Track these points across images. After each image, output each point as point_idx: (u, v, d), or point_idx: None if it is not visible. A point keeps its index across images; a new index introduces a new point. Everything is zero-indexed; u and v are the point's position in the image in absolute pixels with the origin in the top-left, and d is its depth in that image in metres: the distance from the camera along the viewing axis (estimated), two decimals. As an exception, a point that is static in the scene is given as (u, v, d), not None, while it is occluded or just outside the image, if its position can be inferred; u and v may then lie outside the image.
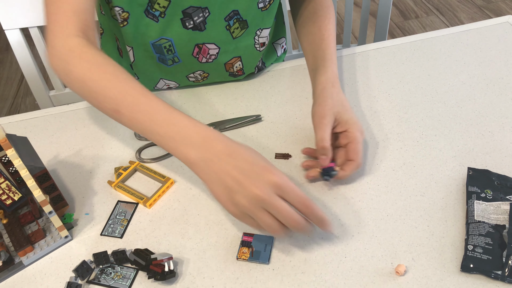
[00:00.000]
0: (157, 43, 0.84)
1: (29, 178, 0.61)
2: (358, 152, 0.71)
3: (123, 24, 0.81)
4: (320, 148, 0.70)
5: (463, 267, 0.60)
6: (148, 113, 0.63)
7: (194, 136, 0.61)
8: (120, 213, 0.72)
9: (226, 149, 0.60)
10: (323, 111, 0.73)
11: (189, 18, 0.80)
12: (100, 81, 0.65)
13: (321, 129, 0.71)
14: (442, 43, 0.98)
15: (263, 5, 0.83)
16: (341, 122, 0.72)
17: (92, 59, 0.67)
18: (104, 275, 0.64)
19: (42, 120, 0.90)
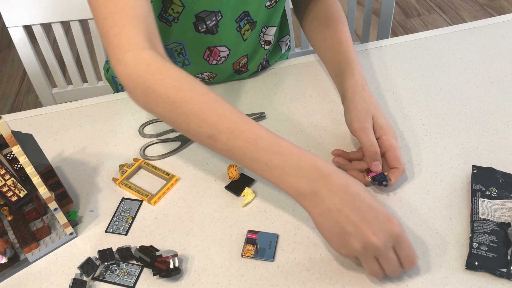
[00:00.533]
0: (168, 46, 0.84)
1: (35, 175, 0.61)
2: (399, 159, 0.69)
3: None
4: (372, 154, 0.69)
5: (468, 264, 0.60)
6: (250, 139, 0.57)
7: (306, 168, 0.56)
8: (125, 210, 0.72)
9: (343, 185, 0.56)
10: (362, 116, 0.71)
11: (202, 22, 0.79)
12: (193, 103, 0.58)
13: (366, 134, 0.70)
14: (446, 41, 0.98)
15: (269, 3, 0.83)
16: (376, 126, 0.71)
17: (178, 76, 0.59)
18: (109, 272, 0.64)
19: (46, 117, 0.90)
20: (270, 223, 0.69)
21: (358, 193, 0.56)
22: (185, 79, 0.60)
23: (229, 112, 0.58)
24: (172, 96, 0.58)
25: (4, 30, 2.93)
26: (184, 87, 0.59)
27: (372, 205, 0.56)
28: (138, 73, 0.59)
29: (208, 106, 0.58)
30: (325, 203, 0.55)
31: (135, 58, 0.59)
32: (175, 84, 0.59)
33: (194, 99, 0.58)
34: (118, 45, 0.59)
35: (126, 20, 0.59)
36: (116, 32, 0.60)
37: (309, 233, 0.67)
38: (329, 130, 0.82)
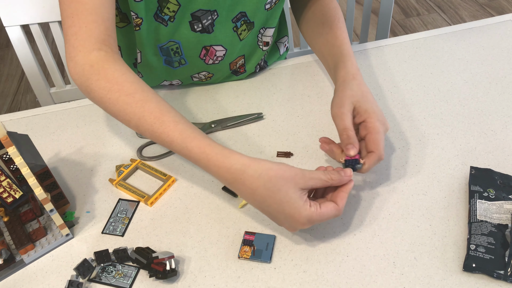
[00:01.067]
0: (164, 46, 0.83)
1: (30, 176, 0.61)
2: (378, 143, 0.66)
3: (136, 29, 0.80)
4: (345, 137, 0.67)
5: (466, 266, 0.60)
6: (165, 142, 0.64)
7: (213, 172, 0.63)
8: (121, 211, 0.72)
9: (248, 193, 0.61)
10: (341, 101, 0.70)
11: (197, 21, 0.79)
12: (118, 104, 0.65)
13: (341, 119, 0.68)
14: (445, 41, 0.98)
15: (270, 6, 0.83)
16: (360, 112, 0.69)
17: (111, 77, 0.65)
18: (105, 274, 0.64)
19: (43, 118, 0.89)
20: (267, 224, 0.68)
21: (264, 199, 0.60)
22: (117, 80, 0.65)
23: (148, 114, 0.63)
24: (103, 96, 0.65)
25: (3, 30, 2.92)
26: (113, 88, 0.65)
27: (280, 210, 0.60)
28: (83, 72, 0.66)
29: (131, 108, 0.64)
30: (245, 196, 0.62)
31: (84, 58, 0.66)
32: (106, 85, 0.65)
33: (119, 101, 0.64)
34: (73, 44, 0.66)
35: (83, 23, 0.66)
36: (74, 32, 0.66)
37: (306, 235, 0.67)
38: (327, 130, 0.81)
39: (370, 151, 0.67)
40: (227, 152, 0.62)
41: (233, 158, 0.61)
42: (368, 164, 0.66)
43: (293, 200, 0.59)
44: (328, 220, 0.67)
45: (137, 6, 0.75)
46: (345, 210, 0.69)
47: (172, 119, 0.64)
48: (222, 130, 0.84)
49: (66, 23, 0.67)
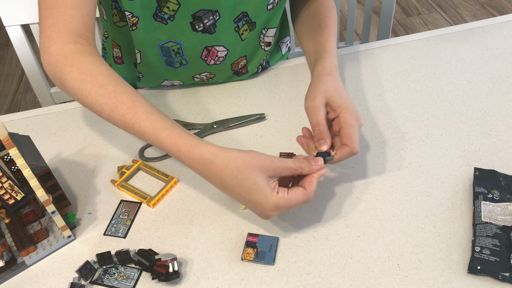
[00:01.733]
0: (165, 45, 0.82)
1: (32, 177, 0.60)
2: (351, 137, 0.65)
3: (132, 28, 0.79)
4: (318, 133, 0.67)
5: (470, 268, 0.60)
6: (138, 133, 0.64)
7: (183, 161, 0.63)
8: (123, 213, 0.72)
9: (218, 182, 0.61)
10: (313, 95, 0.69)
11: (199, 21, 0.79)
12: (91, 95, 0.65)
13: (314, 114, 0.68)
14: (448, 41, 0.97)
15: (272, 6, 0.82)
16: (333, 107, 0.68)
17: (85, 69, 0.66)
18: (108, 276, 0.64)
19: (44, 118, 0.89)
20: (270, 226, 0.68)
21: (233, 188, 0.60)
22: (91, 72, 0.66)
23: (121, 104, 0.64)
24: (76, 88, 0.66)
25: (2, 29, 2.92)
26: (86, 79, 0.65)
27: (249, 198, 0.60)
28: (56, 63, 0.67)
29: (103, 99, 0.65)
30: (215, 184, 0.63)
31: (58, 49, 0.66)
32: (79, 76, 0.65)
33: (92, 92, 0.65)
34: (49, 35, 0.67)
35: (61, 16, 0.66)
36: (50, 24, 0.66)
37: (310, 237, 0.66)
38: (329, 131, 0.81)
39: (344, 144, 0.66)
40: (196, 142, 0.62)
41: (202, 149, 0.61)
42: (339, 156, 0.65)
43: (260, 188, 0.59)
44: (331, 222, 0.67)
45: (131, 5, 0.75)
46: (348, 211, 0.69)
47: (145, 109, 0.64)
48: (224, 130, 0.83)
49: (43, 13, 0.67)
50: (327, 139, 0.66)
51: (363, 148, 0.77)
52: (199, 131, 0.83)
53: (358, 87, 0.89)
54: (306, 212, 0.69)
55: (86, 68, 0.66)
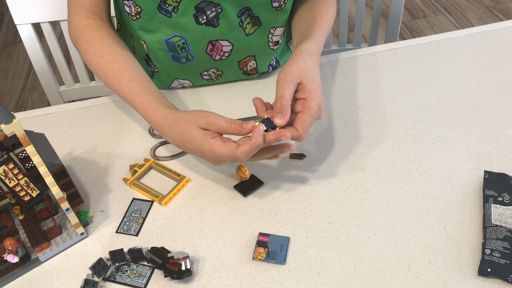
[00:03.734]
0: (170, 40, 0.83)
1: (48, 175, 0.61)
2: (305, 125, 0.65)
3: (136, 17, 0.81)
4: (279, 106, 0.65)
5: (481, 271, 0.60)
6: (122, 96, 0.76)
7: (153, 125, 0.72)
8: (136, 211, 0.72)
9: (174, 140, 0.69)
10: (290, 70, 0.68)
11: (202, 13, 0.80)
12: (93, 63, 0.78)
13: (283, 87, 0.67)
14: (457, 44, 0.98)
15: (278, 5, 0.83)
16: (304, 89, 0.67)
17: (91, 41, 0.79)
18: (120, 273, 0.64)
19: (55, 116, 0.90)
20: (281, 226, 0.69)
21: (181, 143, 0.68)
22: (95, 44, 0.78)
23: (111, 72, 0.76)
24: (84, 57, 0.80)
25: (10, 27, 2.93)
26: (90, 50, 0.79)
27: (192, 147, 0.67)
28: (73, 35, 0.82)
29: (100, 67, 0.77)
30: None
31: (76, 24, 0.81)
32: (86, 47, 0.79)
33: (93, 61, 0.78)
34: (70, 11, 0.83)
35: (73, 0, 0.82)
36: (70, 2, 0.82)
37: (321, 237, 0.67)
38: (339, 132, 0.81)
39: (294, 126, 0.66)
40: (158, 108, 0.71)
41: (159, 113, 0.71)
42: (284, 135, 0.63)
43: (194, 136, 0.65)
44: (342, 223, 0.68)
45: None
46: (359, 212, 0.69)
47: (128, 78, 0.75)
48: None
49: None
50: (284, 114, 0.65)
51: (373, 150, 0.78)
52: (210, 131, 0.83)
53: (368, 89, 0.89)
54: (316, 212, 0.70)
55: (92, 40, 0.79)
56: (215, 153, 0.64)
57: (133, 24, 0.83)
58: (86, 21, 0.81)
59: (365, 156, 0.77)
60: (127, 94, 0.75)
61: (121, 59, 0.77)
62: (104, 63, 0.77)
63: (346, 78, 0.92)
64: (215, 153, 0.64)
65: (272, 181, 0.75)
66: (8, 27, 2.92)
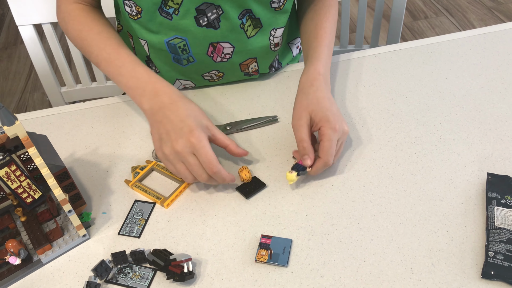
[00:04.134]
0: (171, 41, 0.83)
1: (50, 176, 0.61)
2: (326, 150, 0.70)
3: (137, 17, 0.81)
4: (301, 149, 0.72)
5: (484, 273, 0.60)
6: (117, 67, 0.76)
7: (147, 88, 0.74)
8: (138, 213, 0.72)
9: (169, 102, 0.71)
10: (299, 112, 0.75)
11: (203, 15, 0.80)
12: (86, 39, 0.80)
13: (298, 131, 0.73)
14: (460, 46, 0.97)
15: (277, 5, 0.83)
16: (315, 120, 0.73)
17: (83, 20, 0.82)
18: (122, 275, 0.64)
19: (57, 118, 0.89)
20: (283, 228, 0.68)
21: (178, 109, 0.70)
22: (88, 23, 0.81)
23: (109, 46, 0.79)
24: (75, 36, 0.82)
25: (11, 27, 2.93)
26: (83, 28, 0.81)
27: (185, 120, 0.69)
28: (63, 17, 0.84)
29: (95, 42, 0.80)
30: (155, 117, 0.72)
31: (65, 7, 0.84)
32: (77, 26, 0.82)
33: (88, 37, 0.81)
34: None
35: None
36: None
37: (323, 239, 0.66)
38: (342, 134, 0.81)
39: (319, 156, 0.71)
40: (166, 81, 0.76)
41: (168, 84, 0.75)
42: (315, 168, 0.72)
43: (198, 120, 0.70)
44: (345, 225, 0.68)
45: None
46: (361, 214, 0.69)
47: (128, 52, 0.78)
48: (237, 132, 0.84)
49: None
50: (309, 154, 0.71)
51: (376, 151, 0.78)
52: (212, 133, 0.83)
53: (370, 91, 0.89)
54: (319, 214, 0.70)
55: (85, 20, 0.82)
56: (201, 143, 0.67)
57: (134, 24, 0.83)
58: (76, 5, 0.83)
59: (368, 158, 0.77)
60: (127, 62, 0.76)
61: (118, 39, 0.80)
62: (100, 39, 0.79)
63: (348, 80, 0.92)
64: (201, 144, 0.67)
65: (274, 183, 0.75)
66: (9, 28, 2.92)
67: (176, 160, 0.69)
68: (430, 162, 0.75)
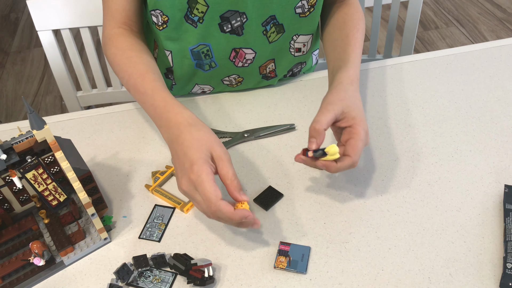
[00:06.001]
0: (195, 49, 0.85)
1: (76, 180, 0.62)
2: (357, 149, 0.66)
3: (163, 27, 0.83)
4: (312, 129, 0.68)
5: (502, 285, 0.61)
6: (141, 94, 0.76)
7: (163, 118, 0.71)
8: (158, 217, 0.73)
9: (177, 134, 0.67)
10: (333, 99, 0.70)
11: (227, 22, 0.82)
12: (119, 64, 0.81)
13: (322, 113, 0.68)
14: (475, 58, 0.98)
15: (301, 11, 0.84)
16: (348, 117, 0.69)
17: (120, 47, 0.83)
18: (143, 278, 0.65)
19: (78, 122, 0.91)
20: (301, 236, 0.69)
21: (183, 142, 0.66)
22: (124, 47, 0.82)
23: (136, 72, 0.78)
24: (111, 60, 0.84)
25: (25, 31, 2.97)
26: (117, 53, 0.82)
27: (186, 152, 0.64)
28: (105, 42, 0.86)
29: (126, 67, 0.80)
30: (170, 149, 0.69)
31: (107, 32, 0.86)
32: (113, 51, 0.83)
33: (120, 62, 0.81)
34: (103, 20, 0.88)
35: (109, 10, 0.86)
36: (104, 14, 0.87)
37: (341, 247, 0.67)
38: (359, 144, 0.82)
39: (346, 154, 0.67)
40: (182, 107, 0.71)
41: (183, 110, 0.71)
42: (341, 165, 0.66)
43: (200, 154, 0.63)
44: (363, 234, 0.68)
45: (161, 4, 0.80)
46: (379, 224, 0.70)
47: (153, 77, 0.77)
48: (254, 140, 0.85)
49: (102, 4, 0.87)
50: (318, 139, 0.67)
51: (393, 161, 0.79)
52: (230, 139, 0.84)
53: (387, 101, 0.90)
54: (337, 223, 0.70)
55: (121, 45, 0.83)
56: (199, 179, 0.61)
57: (160, 34, 0.84)
58: (117, 30, 0.84)
59: (385, 168, 0.78)
60: (149, 89, 0.74)
61: (147, 63, 0.79)
62: (130, 64, 0.79)
63: (365, 89, 0.93)
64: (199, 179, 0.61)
65: (291, 190, 0.76)
66: (23, 32, 2.95)
67: (190, 199, 0.65)
68: (447, 173, 0.76)
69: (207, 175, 0.61)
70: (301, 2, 0.83)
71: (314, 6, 0.84)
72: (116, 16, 0.85)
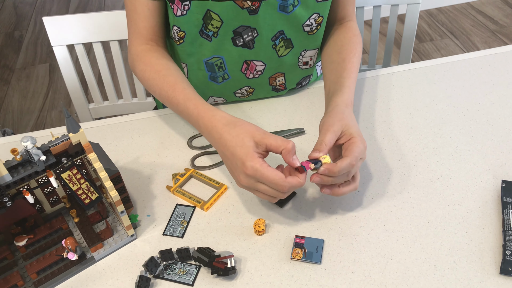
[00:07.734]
0: (209, 61, 0.91)
1: (107, 179, 0.67)
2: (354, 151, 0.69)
3: (180, 42, 0.89)
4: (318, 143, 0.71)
5: (502, 270, 0.66)
6: (175, 105, 0.81)
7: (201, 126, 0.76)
8: (180, 215, 0.78)
9: (218, 138, 0.72)
10: (333, 121, 0.74)
11: (239, 36, 0.88)
12: (149, 79, 0.86)
13: (324, 134, 0.72)
14: (471, 65, 1.05)
15: (310, 29, 0.90)
16: (346, 134, 0.73)
17: (148, 62, 0.87)
18: (169, 271, 0.70)
19: (99, 130, 0.96)
20: (315, 230, 0.74)
21: (225, 144, 0.70)
22: (153, 62, 0.87)
23: (166, 84, 0.83)
24: (140, 76, 0.89)
25: (29, 48, 3.03)
26: (146, 69, 0.87)
27: (233, 152, 0.69)
28: (132, 59, 0.91)
29: (155, 82, 0.85)
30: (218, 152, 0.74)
31: (134, 50, 0.90)
32: (142, 67, 0.88)
33: (150, 78, 0.86)
34: (130, 39, 0.92)
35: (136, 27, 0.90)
36: (130, 32, 0.92)
37: (353, 240, 0.72)
38: (365, 145, 0.88)
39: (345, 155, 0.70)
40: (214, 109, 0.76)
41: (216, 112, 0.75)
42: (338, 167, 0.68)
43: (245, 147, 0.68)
44: (372, 227, 0.74)
45: (179, 20, 0.86)
46: (387, 217, 0.75)
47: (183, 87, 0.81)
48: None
49: (127, 22, 0.92)
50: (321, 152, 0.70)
51: (397, 161, 0.84)
52: (243, 144, 0.90)
53: (389, 106, 0.96)
54: (348, 218, 0.76)
55: (149, 61, 0.88)
56: (258, 172, 0.65)
57: (177, 48, 0.90)
58: (144, 46, 0.89)
59: (390, 167, 0.83)
60: (181, 99, 0.79)
61: (175, 75, 0.84)
62: (159, 78, 0.84)
63: (369, 96, 0.99)
64: (258, 172, 0.65)
65: (303, 190, 0.81)
66: (28, 49, 3.02)
67: (252, 190, 0.70)
68: (448, 171, 0.82)
69: (261, 165, 0.66)
70: (309, 20, 0.89)
71: (321, 24, 0.91)
72: (144, 33, 0.89)
